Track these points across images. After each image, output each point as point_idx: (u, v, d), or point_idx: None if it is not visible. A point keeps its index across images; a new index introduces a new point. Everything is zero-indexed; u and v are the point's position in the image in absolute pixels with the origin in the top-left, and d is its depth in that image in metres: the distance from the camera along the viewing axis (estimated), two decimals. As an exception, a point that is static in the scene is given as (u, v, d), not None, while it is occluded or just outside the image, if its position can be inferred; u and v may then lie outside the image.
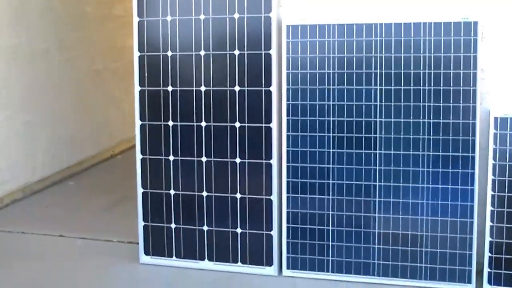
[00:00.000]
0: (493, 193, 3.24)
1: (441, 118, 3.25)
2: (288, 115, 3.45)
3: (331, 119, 3.38)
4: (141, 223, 3.77)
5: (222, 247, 3.66)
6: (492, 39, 3.32)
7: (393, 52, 3.27)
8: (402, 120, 3.29)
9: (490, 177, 3.25)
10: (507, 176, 3.23)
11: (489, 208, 3.25)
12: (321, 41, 3.36)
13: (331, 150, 3.41)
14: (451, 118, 3.24)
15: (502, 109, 3.26)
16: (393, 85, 3.29)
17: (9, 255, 4.03)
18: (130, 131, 5.72)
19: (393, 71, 3.28)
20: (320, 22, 3.37)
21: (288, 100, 3.45)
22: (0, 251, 4.10)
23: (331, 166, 3.42)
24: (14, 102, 5.16)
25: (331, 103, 3.38)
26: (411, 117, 3.28)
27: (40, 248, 4.12)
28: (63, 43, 5.81)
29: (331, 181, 3.43)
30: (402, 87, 3.28)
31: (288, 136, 3.47)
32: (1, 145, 5.04)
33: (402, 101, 3.29)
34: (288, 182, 3.50)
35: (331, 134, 3.40)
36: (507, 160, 3.23)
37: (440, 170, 3.28)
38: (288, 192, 3.51)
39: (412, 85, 3.26)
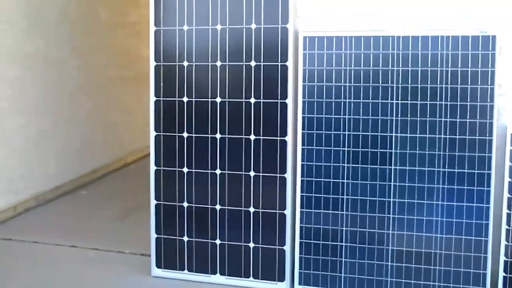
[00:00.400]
0: (508, 211, 3.30)
1: (457, 134, 3.32)
2: (303, 128, 3.54)
3: (347, 133, 3.47)
4: (153, 236, 3.87)
5: (234, 261, 3.75)
6: (510, 54, 3.39)
7: (410, 66, 3.35)
8: (418, 135, 3.37)
9: (506, 195, 3.31)
10: (524, 195, 3.30)
11: (504, 227, 3.31)
12: (338, 53, 3.45)
13: (346, 165, 3.49)
14: (467, 134, 3.31)
15: (520, 126, 3.32)
16: (409, 99, 3.37)
17: (21, 264, 4.15)
18: (143, 140, 5.88)
19: (409, 85, 3.36)
20: (337, 34, 3.46)
21: (303, 113, 3.54)
22: (12, 260, 4.23)
23: (345, 181, 3.50)
24: (29, 110, 5.31)
25: (346, 117, 3.46)
26: (427, 133, 3.35)
27: (52, 258, 4.24)
28: (78, 51, 5.96)
29: (345, 197, 3.51)
30: (418, 102, 3.35)
31: (303, 150, 3.56)
32: (15, 153, 5.19)
33: (418, 116, 3.36)
34: (302, 197, 3.59)
35: (346, 149, 3.48)
36: (525, 178, 3.29)
37: (456, 187, 3.34)
38: (302, 206, 3.59)
39: (428, 99, 3.34)
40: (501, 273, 3.34)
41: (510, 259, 3.32)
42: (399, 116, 3.38)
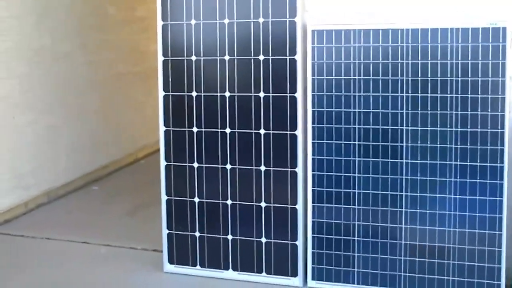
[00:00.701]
0: (522, 204, 3.32)
1: (468, 127, 3.33)
2: (313, 122, 3.57)
3: (357, 126, 3.49)
4: (165, 231, 3.92)
5: (246, 256, 3.80)
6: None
7: (419, 59, 3.37)
8: (429, 128, 3.39)
9: (519, 188, 3.33)
10: (538, 187, 3.31)
11: (517, 220, 3.33)
12: (347, 47, 3.47)
13: (356, 159, 3.52)
14: (478, 127, 3.33)
15: (532, 118, 3.34)
16: (419, 92, 3.39)
17: (32, 261, 4.22)
18: (152, 135, 5.91)
19: (419, 78, 3.38)
20: (346, 27, 3.48)
21: (313, 107, 3.56)
22: (24, 256, 4.30)
23: (356, 175, 3.53)
24: (38, 106, 5.37)
25: (356, 110, 3.48)
26: (438, 126, 3.38)
27: (64, 255, 4.31)
28: (86, 46, 6.01)
29: (356, 191, 3.54)
30: (428, 95, 3.37)
31: (313, 144, 3.59)
32: (26, 149, 5.25)
33: (429, 109, 3.38)
34: (313, 191, 3.62)
35: (356, 142, 3.50)
36: (538, 170, 3.31)
37: (468, 180, 3.37)
38: (313, 201, 3.63)
39: (439, 92, 3.36)
40: (516, 267, 3.36)
41: (524, 253, 3.33)
42: (409, 109, 3.40)
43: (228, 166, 3.75)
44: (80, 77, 5.93)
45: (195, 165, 3.81)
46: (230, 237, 3.80)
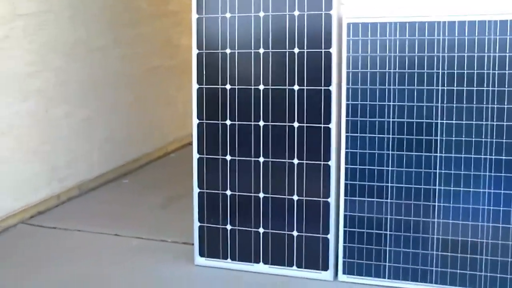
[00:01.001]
0: (558, 199, 3.28)
1: (504, 121, 3.30)
2: (347, 115, 3.56)
3: (391, 120, 3.48)
4: (196, 224, 3.93)
5: (277, 250, 3.79)
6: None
7: (456, 52, 3.34)
8: (464, 122, 3.36)
9: (555, 182, 3.29)
10: None
11: (553, 215, 3.29)
12: (382, 40, 3.46)
13: (390, 152, 3.50)
14: (515, 121, 3.30)
15: None
16: (455, 85, 3.36)
17: (65, 252, 4.26)
18: (183, 129, 5.92)
19: (456, 71, 3.35)
20: (381, 20, 3.47)
21: (347, 100, 3.55)
22: (57, 248, 4.34)
23: (390, 168, 3.51)
24: (72, 99, 5.42)
25: (391, 103, 3.47)
26: (474, 119, 3.35)
27: (96, 247, 4.34)
28: (119, 40, 6.06)
29: (389, 184, 3.52)
30: (464, 88, 3.35)
31: (347, 137, 3.58)
32: (61, 142, 5.31)
33: (464, 103, 3.35)
34: (346, 185, 3.61)
35: (390, 136, 3.49)
36: None
37: (503, 174, 3.33)
38: (346, 194, 3.61)
39: (475, 86, 3.33)
40: (550, 263, 3.33)
41: (559, 248, 3.30)
42: (444, 102, 3.38)
43: (261, 159, 3.75)
44: (114, 71, 5.97)
45: (228, 158, 3.82)
46: (261, 230, 3.80)
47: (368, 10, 3.55)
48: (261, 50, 3.68)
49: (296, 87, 3.63)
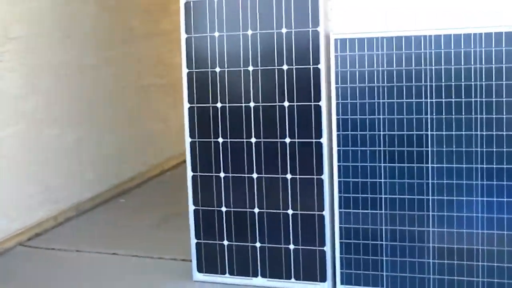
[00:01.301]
0: (549, 205, 3.30)
1: (494, 130, 3.32)
2: (338, 129, 3.57)
3: (382, 133, 3.49)
4: (193, 241, 3.93)
5: (275, 263, 3.80)
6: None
7: (443, 64, 3.36)
8: (454, 133, 3.38)
9: (545, 189, 3.32)
10: None
11: (546, 221, 3.32)
12: (370, 54, 3.47)
13: (382, 165, 3.51)
14: (504, 130, 3.31)
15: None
16: (444, 97, 3.38)
17: (64, 273, 4.24)
18: (178, 147, 5.92)
19: (443, 84, 3.37)
20: (368, 35, 3.48)
21: (338, 114, 3.56)
22: (56, 269, 4.32)
23: (382, 180, 3.52)
24: (64, 119, 5.40)
25: (381, 117, 3.48)
26: (463, 130, 3.37)
27: (95, 267, 4.32)
28: (111, 59, 6.04)
29: (383, 196, 3.53)
30: (453, 100, 3.37)
31: (339, 151, 3.59)
32: (53, 163, 5.29)
33: (453, 114, 3.37)
34: (340, 197, 3.62)
35: (382, 148, 3.50)
36: None
37: (495, 183, 3.35)
38: (340, 207, 3.62)
39: (463, 97, 3.35)
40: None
41: (553, 253, 3.32)
42: (433, 114, 3.39)
43: (255, 175, 3.76)
44: (106, 90, 5.95)
45: (222, 175, 3.82)
46: (258, 244, 3.80)
47: (355, 26, 3.56)
48: (251, 68, 3.68)
49: (286, 103, 3.64)
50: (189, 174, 3.88)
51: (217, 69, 3.74)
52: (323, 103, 3.57)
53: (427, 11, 3.47)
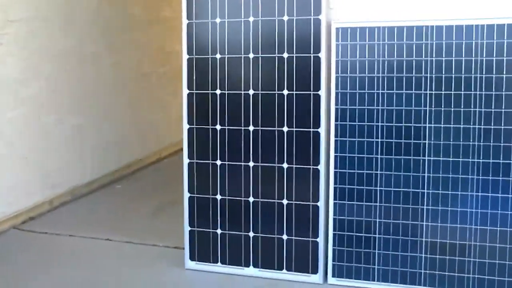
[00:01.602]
0: (545, 202, 3.26)
1: (492, 124, 3.28)
2: (336, 120, 3.54)
3: (380, 124, 3.46)
4: (187, 228, 3.90)
5: (267, 253, 3.76)
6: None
7: (444, 56, 3.33)
8: (452, 126, 3.34)
9: (542, 185, 3.28)
10: (561, 186, 3.26)
11: (541, 218, 3.28)
12: (371, 44, 3.44)
13: (379, 156, 3.48)
14: (502, 124, 3.27)
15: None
16: (443, 89, 3.34)
17: (56, 258, 4.21)
18: (176, 135, 5.89)
19: (443, 75, 3.33)
20: (370, 25, 3.45)
21: (336, 104, 3.53)
22: (49, 253, 4.29)
23: (379, 172, 3.49)
24: (64, 105, 5.38)
25: (380, 108, 3.45)
26: (461, 123, 3.33)
27: (88, 252, 4.29)
28: (112, 46, 6.03)
29: (378, 188, 3.50)
30: (452, 92, 3.33)
31: (336, 142, 3.55)
32: (52, 148, 5.27)
33: (452, 107, 3.33)
34: (335, 188, 3.58)
35: (379, 140, 3.47)
36: (562, 169, 3.25)
37: (490, 178, 3.31)
38: (335, 198, 3.59)
39: (463, 90, 3.31)
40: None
41: (546, 250, 3.28)
42: (432, 106, 3.36)
43: (251, 164, 3.72)
44: (106, 77, 5.94)
45: (218, 162, 3.78)
46: (251, 234, 3.77)
47: (357, 15, 3.53)
48: (251, 55, 3.65)
49: (285, 92, 3.60)
50: (186, 161, 3.85)
51: (218, 56, 3.71)
52: (322, 93, 3.53)
53: (431, 1, 3.44)
